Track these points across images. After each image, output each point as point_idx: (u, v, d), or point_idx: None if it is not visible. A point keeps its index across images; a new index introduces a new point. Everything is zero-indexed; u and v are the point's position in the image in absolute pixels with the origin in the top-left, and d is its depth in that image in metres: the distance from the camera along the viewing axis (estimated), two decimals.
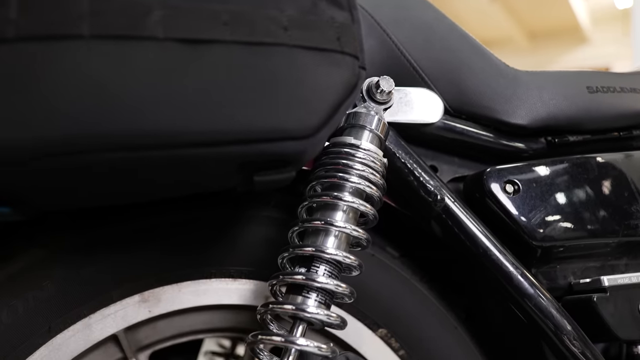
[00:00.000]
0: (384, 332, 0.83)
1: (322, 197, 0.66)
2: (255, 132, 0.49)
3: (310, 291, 0.62)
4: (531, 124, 0.87)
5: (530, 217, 0.80)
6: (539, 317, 0.75)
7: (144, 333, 0.78)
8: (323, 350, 0.59)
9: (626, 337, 0.77)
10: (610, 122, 0.93)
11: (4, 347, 0.66)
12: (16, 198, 0.49)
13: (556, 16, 9.51)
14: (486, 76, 0.89)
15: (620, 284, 0.79)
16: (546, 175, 0.83)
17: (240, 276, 0.78)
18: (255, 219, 0.79)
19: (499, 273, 0.77)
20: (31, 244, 0.68)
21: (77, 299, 0.70)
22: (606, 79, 0.96)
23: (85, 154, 0.45)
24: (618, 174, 0.87)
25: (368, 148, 0.68)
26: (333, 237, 0.64)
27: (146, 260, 0.73)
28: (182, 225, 0.75)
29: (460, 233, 0.78)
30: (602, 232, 0.83)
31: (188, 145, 0.47)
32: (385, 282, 0.84)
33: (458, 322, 0.86)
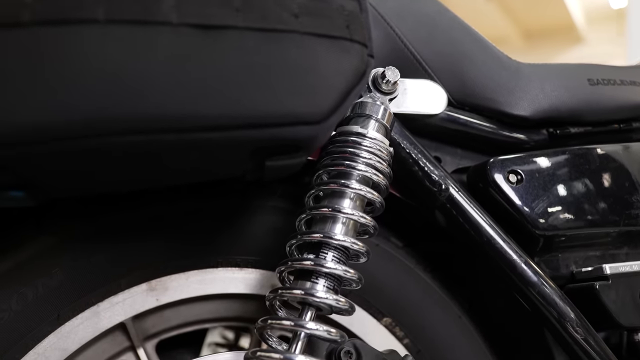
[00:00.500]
0: (388, 321, 0.84)
1: (329, 185, 0.67)
2: (267, 117, 0.49)
3: (319, 277, 0.62)
4: (533, 115, 0.88)
5: (533, 207, 0.81)
6: (542, 304, 0.76)
7: (151, 322, 0.79)
8: (332, 335, 0.60)
9: (628, 323, 0.78)
10: (610, 114, 0.94)
11: (14, 335, 0.66)
12: (31, 182, 0.50)
13: (551, 15, 9.55)
14: (489, 68, 0.90)
15: (622, 272, 0.80)
16: (548, 165, 0.84)
17: (246, 265, 0.79)
18: (261, 208, 0.79)
19: (503, 262, 0.78)
20: (40, 232, 0.69)
21: (85, 287, 0.70)
22: (606, 71, 0.97)
23: (100, 138, 0.45)
24: (619, 165, 0.88)
25: (375, 137, 0.69)
26: (341, 224, 0.65)
27: (154, 249, 0.74)
28: (189, 214, 0.76)
29: (465, 222, 0.79)
30: (603, 222, 0.84)
31: (202, 129, 0.48)
32: (390, 271, 0.85)
33: (462, 311, 0.87)
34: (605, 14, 10.40)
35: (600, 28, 10.66)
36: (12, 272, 0.66)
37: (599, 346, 0.75)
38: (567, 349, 0.77)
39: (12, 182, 0.48)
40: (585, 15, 10.25)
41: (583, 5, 9.96)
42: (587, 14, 10.27)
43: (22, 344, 0.66)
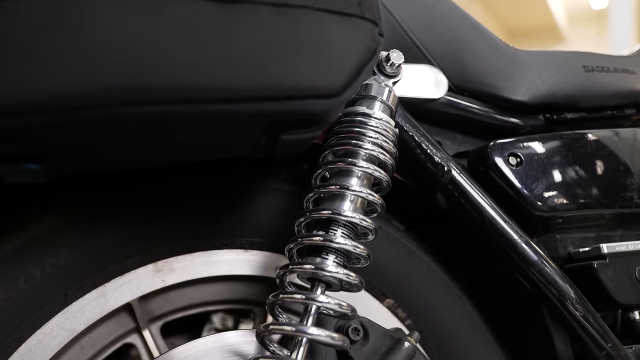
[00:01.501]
0: (390, 302, 0.85)
1: (336, 164, 0.68)
2: (284, 89, 0.50)
3: (329, 253, 0.63)
4: (531, 100, 0.90)
5: (532, 188, 0.83)
6: (542, 283, 0.78)
7: (156, 303, 0.79)
8: (343, 308, 0.60)
9: (625, 301, 0.80)
10: (604, 100, 0.97)
11: (22, 314, 0.66)
12: (46, 154, 0.49)
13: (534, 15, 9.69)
14: (487, 55, 0.91)
15: (619, 251, 0.82)
16: (547, 148, 0.86)
17: (251, 247, 0.79)
18: (266, 190, 0.80)
19: (504, 242, 0.79)
20: (47, 212, 0.68)
21: (92, 267, 0.70)
22: (600, 59, 1.00)
23: (117, 108, 0.46)
24: (613, 149, 0.91)
25: (380, 117, 0.70)
26: (349, 201, 0.66)
27: (160, 230, 0.74)
28: (195, 195, 0.76)
29: (466, 204, 0.80)
30: (599, 203, 0.86)
31: (218, 101, 0.48)
32: (392, 253, 0.86)
33: (462, 292, 0.88)
34: (586, 15, 10.59)
35: (581, 29, 10.86)
36: (20, 251, 0.66)
37: (598, 323, 0.77)
38: (567, 326, 0.78)
39: (28, 153, 0.48)
40: (567, 15, 10.42)
41: (565, 6, 10.13)
42: (569, 15, 10.45)
43: (30, 323, 0.66)
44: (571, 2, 10.04)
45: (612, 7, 6.82)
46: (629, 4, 6.44)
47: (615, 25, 6.41)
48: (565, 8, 10.20)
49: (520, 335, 0.90)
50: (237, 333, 0.72)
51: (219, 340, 0.70)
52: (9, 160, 0.49)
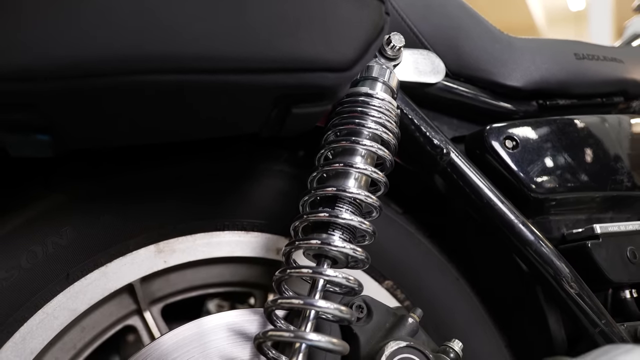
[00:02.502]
0: (390, 284, 0.86)
1: (340, 143, 0.68)
2: (296, 62, 0.50)
3: (335, 229, 0.63)
4: (525, 86, 0.92)
5: (528, 171, 0.84)
6: (539, 262, 0.80)
7: (157, 285, 0.78)
8: (351, 282, 0.61)
9: (617, 280, 0.83)
10: (594, 88, 0.99)
11: (24, 293, 0.65)
12: (57, 125, 0.49)
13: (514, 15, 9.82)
14: (483, 41, 0.93)
15: (611, 232, 0.84)
16: (542, 132, 0.88)
17: (252, 229, 0.80)
18: (267, 172, 0.80)
19: (502, 222, 0.81)
20: (50, 190, 0.68)
21: (95, 247, 0.69)
22: (590, 48, 1.02)
23: (132, 76, 0.46)
24: (604, 135, 0.93)
25: (383, 97, 0.71)
26: (353, 179, 0.66)
27: (162, 211, 0.74)
28: (197, 176, 0.76)
29: (465, 186, 0.82)
30: (591, 186, 0.88)
31: (233, 72, 0.49)
32: (391, 236, 0.87)
33: (459, 274, 0.89)
34: (563, 16, 10.78)
35: (560, 29, 11.04)
36: (22, 229, 0.65)
37: (592, 301, 0.79)
38: (562, 304, 0.80)
39: (40, 123, 0.48)
40: (546, 16, 10.59)
41: (544, 6, 10.30)
42: (548, 15, 10.62)
43: (31, 303, 0.65)
44: (550, 3, 10.21)
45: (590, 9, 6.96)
46: (607, 6, 6.58)
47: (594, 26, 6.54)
48: (544, 8, 10.37)
49: (516, 316, 0.92)
50: (240, 312, 0.72)
51: (223, 319, 0.70)
52: (19, 130, 0.48)
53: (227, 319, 0.71)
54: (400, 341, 0.65)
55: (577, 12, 10.20)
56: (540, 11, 10.24)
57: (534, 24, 10.25)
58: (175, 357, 0.68)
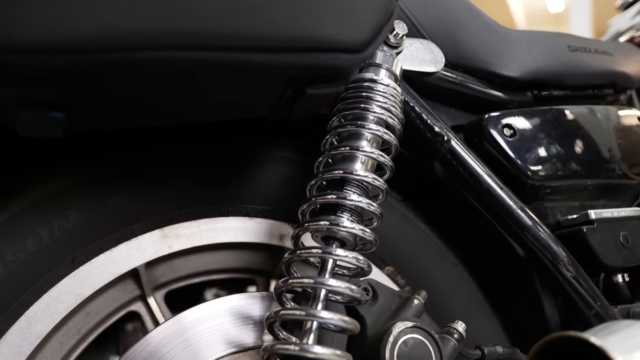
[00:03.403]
0: (390, 270, 0.87)
1: (346, 127, 0.69)
2: (312, 41, 0.51)
3: (343, 211, 0.64)
4: (521, 76, 0.94)
5: (525, 158, 0.86)
6: (537, 247, 0.82)
7: (161, 270, 0.78)
8: (361, 262, 0.62)
9: (611, 263, 0.85)
10: (587, 79, 1.02)
11: (30, 276, 0.64)
12: (73, 102, 0.49)
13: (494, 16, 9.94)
14: (480, 33, 0.95)
15: (605, 217, 0.87)
16: (538, 121, 0.90)
17: (256, 215, 0.80)
18: (271, 158, 0.81)
19: (501, 208, 0.82)
20: (55, 174, 0.67)
21: (100, 231, 0.69)
22: (582, 41, 1.05)
23: (149, 51, 0.46)
24: (598, 125, 0.96)
25: (388, 83, 0.72)
26: (360, 162, 0.67)
27: (168, 196, 0.73)
28: (201, 162, 0.76)
29: (465, 172, 0.83)
30: (585, 174, 0.91)
31: (248, 50, 0.49)
32: (392, 222, 0.88)
33: (458, 260, 0.91)
34: (543, 18, 10.96)
35: None
36: (27, 212, 0.65)
37: (587, 284, 0.82)
38: (559, 288, 0.82)
39: (55, 99, 0.48)
40: (526, 17, 10.76)
41: (524, 7, 10.46)
42: (528, 17, 10.79)
43: (37, 286, 0.65)
44: (530, 4, 10.37)
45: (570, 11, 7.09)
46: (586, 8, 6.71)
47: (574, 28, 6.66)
48: (525, 9, 10.54)
49: (512, 301, 0.94)
50: (242, 295, 0.72)
51: (226, 303, 0.71)
52: (34, 106, 0.48)
53: (231, 303, 0.71)
54: (407, 322, 0.66)
55: (556, 14, 10.39)
56: (521, 12, 10.40)
57: (514, 25, 10.40)
58: (180, 341, 0.68)
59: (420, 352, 0.66)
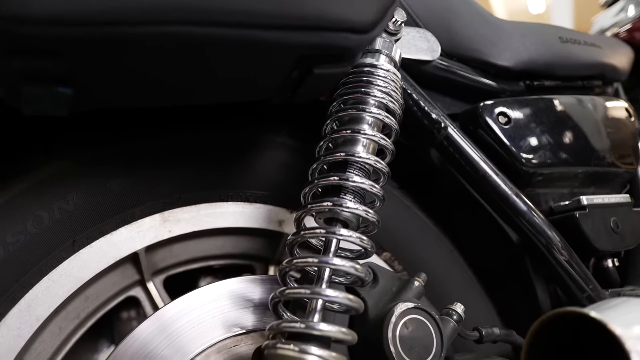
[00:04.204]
0: (388, 256, 0.88)
1: (347, 111, 0.70)
2: (322, 20, 0.51)
3: (346, 193, 0.65)
4: (515, 66, 0.96)
5: (520, 146, 0.88)
6: (531, 232, 0.83)
7: (161, 255, 0.78)
8: (365, 242, 0.62)
9: (603, 248, 0.87)
10: (577, 70, 1.04)
11: (30, 259, 0.64)
12: (80, 77, 0.49)
13: None
14: (474, 23, 0.96)
15: (596, 204, 0.89)
16: (532, 110, 0.92)
17: (256, 200, 0.80)
18: (271, 144, 0.81)
19: (496, 194, 0.84)
20: (54, 157, 0.66)
21: (101, 214, 0.69)
22: (573, 33, 1.07)
23: (158, 26, 0.46)
24: (589, 115, 0.98)
25: (388, 69, 0.72)
26: (362, 146, 0.67)
27: (168, 180, 0.73)
28: (201, 146, 0.76)
29: (461, 159, 0.84)
30: (577, 162, 0.93)
31: (258, 27, 0.49)
32: (389, 209, 0.88)
33: (454, 247, 0.92)
34: (524, 18, 11.11)
35: None
36: (28, 194, 0.64)
37: (580, 268, 0.84)
38: (553, 272, 0.84)
39: (63, 74, 0.47)
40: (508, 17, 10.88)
41: (506, 7, 10.59)
42: (510, 17, 10.91)
43: (37, 269, 0.64)
44: (512, 5, 10.51)
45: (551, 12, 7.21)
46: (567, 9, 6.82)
47: None
48: (507, 9, 10.67)
49: (505, 287, 0.95)
50: (241, 279, 0.72)
51: (225, 286, 0.71)
52: (42, 81, 0.47)
53: (230, 286, 0.71)
54: (408, 303, 0.67)
55: (537, 14, 10.54)
56: (503, 13, 10.52)
57: None
58: (180, 325, 0.67)
59: (422, 333, 0.67)
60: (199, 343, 0.66)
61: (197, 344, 0.66)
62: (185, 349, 0.65)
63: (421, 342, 0.67)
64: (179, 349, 0.65)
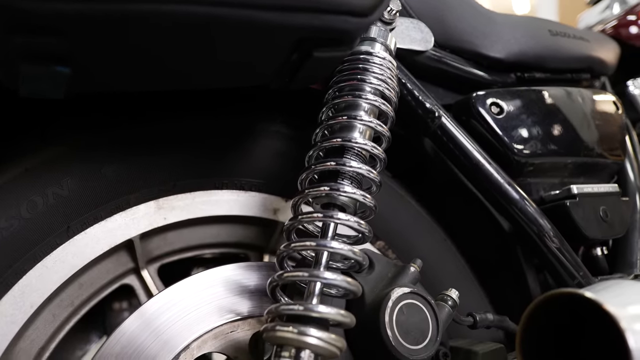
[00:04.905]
0: (381, 244, 0.88)
1: (343, 98, 0.70)
2: (322, 2, 0.52)
3: (343, 179, 0.65)
4: (506, 58, 0.97)
5: (512, 135, 0.89)
6: (523, 220, 0.84)
7: (155, 243, 0.77)
8: (362, 226, 0.63)
9: (592, 236, 0.89)
10: (566, 63, 1.06)
11: (24, 244, 0.63)
12: (80, 57, 0.48)
13: None
14: (467, 15, 0.97)
15: (586, 192, 0.90)
16: (524, 100, 0.93)
17: (250, 188, 0.80)
18: (265, 132, 0.81)
19: (489, 183, 0.85)
20: (49, 142, 0.66)
21: (95, 200, 0.68)
22: (561, 27, 1.09)
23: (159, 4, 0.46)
24: (580, 106, 0.99)
25: (383, 56, 0.73)
26: (358, 132, 0.68)
27: (163, 167, 0.73)
28: (196, 133, 0.75)
29: (455, 148, 0.85)
30: (567, 152, 0.94)
31: (262, 7, 0.49)
32: (383, 198, 0.89)
33: (446, 235, 0.93)
34: None
35: None
36: (22, 178, 0.63)
37: (571, 255, 0.85)
38: (544, 259, 0.85)
39: (62, 52, 0.47)
40: None
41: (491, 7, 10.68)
42: None
43: (31, 255, 0.63)
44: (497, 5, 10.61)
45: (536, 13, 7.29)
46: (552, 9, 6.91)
47: None
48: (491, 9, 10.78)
49: (498, 276, 0.96)
50: (236, 266, 0.72)
51: (220, 273, 0.70)
52: (41, 59, 0.47)
53: (226, 273, 0.71)
54: (404, 287, 0.68)
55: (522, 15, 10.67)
56: None
57: None
58: (176, 312, 0.67)
59: (418, 317, 0.68)
60: (195, 329, 0.66)
61: (194, 330, 0.66)
62: (182, 335, 0.65)
63: (417, 326, 0.67)
64: (176, 335, 0.64)
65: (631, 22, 1.38)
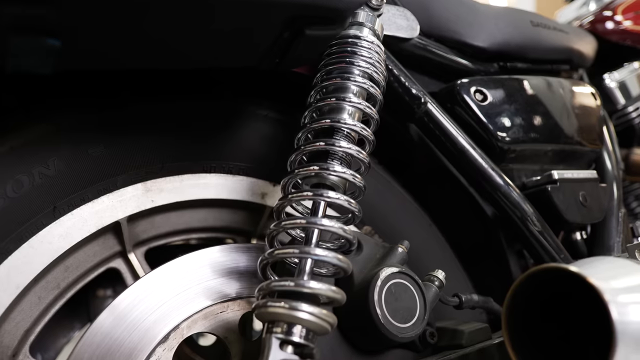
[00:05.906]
0: (368, 229, 0.89)
1: (332, 80, 0.70)
2: None
3: (333, 159, 0.65)
4: (490, 47, 0.99)
5: (495, 122, 0.91)
6: (507, 205, 0.86)
7: (142, 226, 0.77)
8: (352, 205, 0.63)
9: (572, 220, 0.91)
10: (547, 54, 1.08)
11: (9, 224, 0.62)
12: (71, 29, 0.48)
13: None
14: (451, 4, 0.99)
15: (566, 178, 0.93)
16: (506, 88, 0.95)
17: (238, 172, 0.80)
18: (253, 116, 0.81)
19: (473, 168, 0.86)
20: (35, 120, 0.65)
21: (82, 181, 0.67)
22: (543, 18, 1.11)
23: None
24: (560, 96, 1.02)
25: (372, 40, 0.73)
26: (347, 113, 0.68)
27: (151, 148, 0.72)
28: (185, 116, 0.75)
29: (441, 134, 0.87)
30: (548, 139, 0.96)
31: None
32: (370, 184, 0.89)
33: (432, 221, 0.94)
34: None
35: None
36: (7, 157, 0.62)
37: (552, 239, 0.87)
38: (526, 243, 0.87)
39: (53, 23, 0.46)
40: None
41: None
42: None
43: (17, 235, 0.62)
44: None
45: None
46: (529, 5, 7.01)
47: None
48: None
49: (482, 262, 0.98)
50: (224, 247, 0.72)
51: (209, 254, 0.70)
52: (31, 30, 0.46)
53: (214, 254, 0.71)
54: (393, 267, 0.69)
55: None
56: None
57: None
58: (165, 293, 0.67)
59: (406, 296, 0.69)
60: (185, 309, 0.65)
61: (183, 310, 0.65)
62: (171, 315, 0.64)
63: (405, 304, 0.68)
64: (165, 315, 0.64)
65: (607, 17, 1.41)
